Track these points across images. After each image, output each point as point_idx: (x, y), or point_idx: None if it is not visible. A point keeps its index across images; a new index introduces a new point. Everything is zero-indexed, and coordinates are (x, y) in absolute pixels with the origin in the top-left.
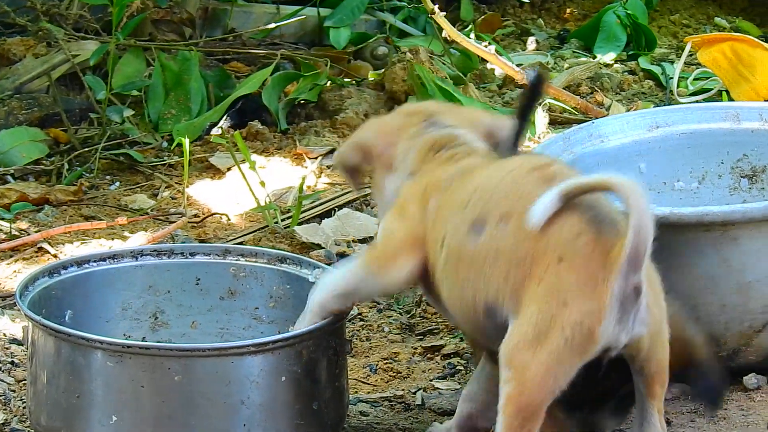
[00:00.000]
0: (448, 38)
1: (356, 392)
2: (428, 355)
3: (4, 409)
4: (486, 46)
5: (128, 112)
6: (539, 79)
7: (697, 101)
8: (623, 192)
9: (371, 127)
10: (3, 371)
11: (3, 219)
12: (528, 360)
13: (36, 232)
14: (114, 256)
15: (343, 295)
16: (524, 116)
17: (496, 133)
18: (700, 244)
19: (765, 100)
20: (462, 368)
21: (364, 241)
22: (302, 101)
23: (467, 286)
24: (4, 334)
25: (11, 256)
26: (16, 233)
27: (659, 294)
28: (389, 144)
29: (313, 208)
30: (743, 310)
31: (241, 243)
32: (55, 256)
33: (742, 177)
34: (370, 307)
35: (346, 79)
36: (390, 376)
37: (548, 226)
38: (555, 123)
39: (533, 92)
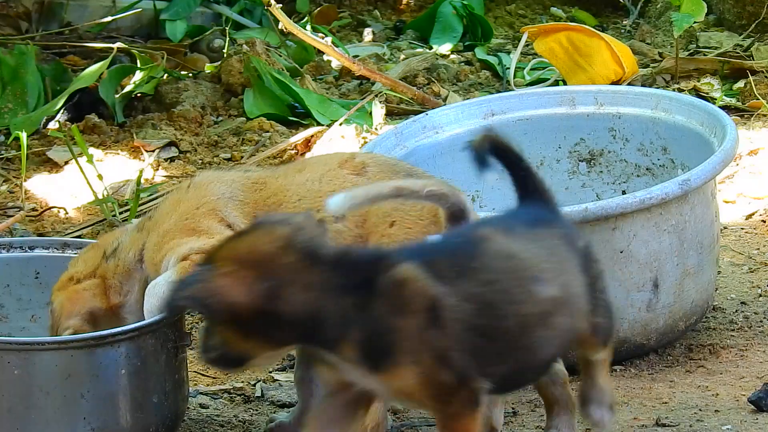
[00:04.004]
0: (285, 30)
1: (196, 385)
2: None
3: None
4: (322, 38)
5: None
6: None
7: None
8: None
9: None
10: None
11: None
12: None
13: None
14: None
15: None
16: None
17: None
18: None
19: None
20: None
21: None
22: (139, 94)
23: None
24: None
25: None
26: None
27: None
28: None
29: (150, 201)
30: None
31: (79, 236)
32: None
33: (580, 161)
34: None
35: (182, 72)
36: None
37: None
38: (392, 114)
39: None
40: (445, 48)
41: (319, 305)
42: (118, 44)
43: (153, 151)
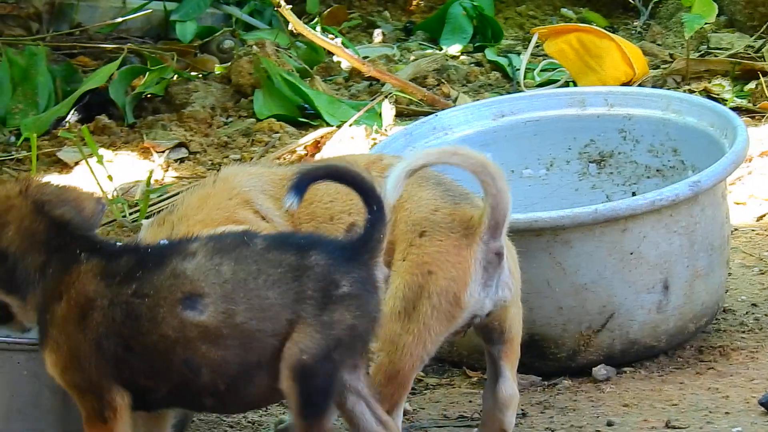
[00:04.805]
0: (295, 31)
1: None
2: None
3: None
4: (332, 39)
5: None
6: None
7: None
8: (475, 162)
9: None
10: None
11: None
12: (397, 330)
13: None
14: None
15: None
16: None
17: None
18: (533, 248)
19: None
20: None
21: None
22: (149, 95)
23: None
24: None
25: None
26: None
27: (516, 264)
28: None
29: (160, 201)
30: (580, 311)
31: None
32: None
33: (590, 162)
34: None
35: (192, 73)
36: None
37: (404, 207)
38: (402, 115)
39: None
40: (455, 49)
41: (21, 250)
42: (129, 45)
43: (163, 151)
